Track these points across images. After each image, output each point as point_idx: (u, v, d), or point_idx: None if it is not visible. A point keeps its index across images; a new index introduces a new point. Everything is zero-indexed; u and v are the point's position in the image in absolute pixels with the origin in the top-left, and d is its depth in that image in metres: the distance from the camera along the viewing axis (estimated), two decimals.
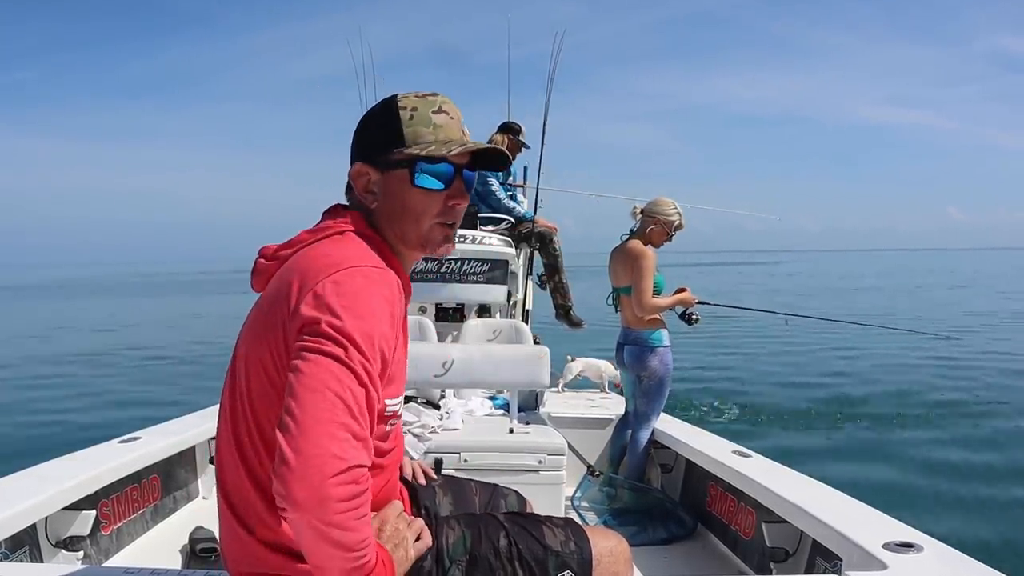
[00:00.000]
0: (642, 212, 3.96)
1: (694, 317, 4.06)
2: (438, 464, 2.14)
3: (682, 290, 4.02)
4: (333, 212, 1.44)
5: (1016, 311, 22.42)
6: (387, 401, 1.32)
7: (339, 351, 1.15)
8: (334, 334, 1.16)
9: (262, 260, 1.41)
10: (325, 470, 1.07)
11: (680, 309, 4.07)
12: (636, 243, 3.92)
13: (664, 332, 3.91)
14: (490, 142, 5.50)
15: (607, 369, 5.23)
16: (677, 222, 3.94)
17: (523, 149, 5.50)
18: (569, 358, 5.41)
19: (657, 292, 3.89)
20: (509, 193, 5.49)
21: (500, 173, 5.47)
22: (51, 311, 31.07)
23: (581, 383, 5.45)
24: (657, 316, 3.90)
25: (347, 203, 1.46)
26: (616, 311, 4.07)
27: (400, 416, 1.44)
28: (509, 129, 5.48)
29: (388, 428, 1.39)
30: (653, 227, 3.91)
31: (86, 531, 2.56)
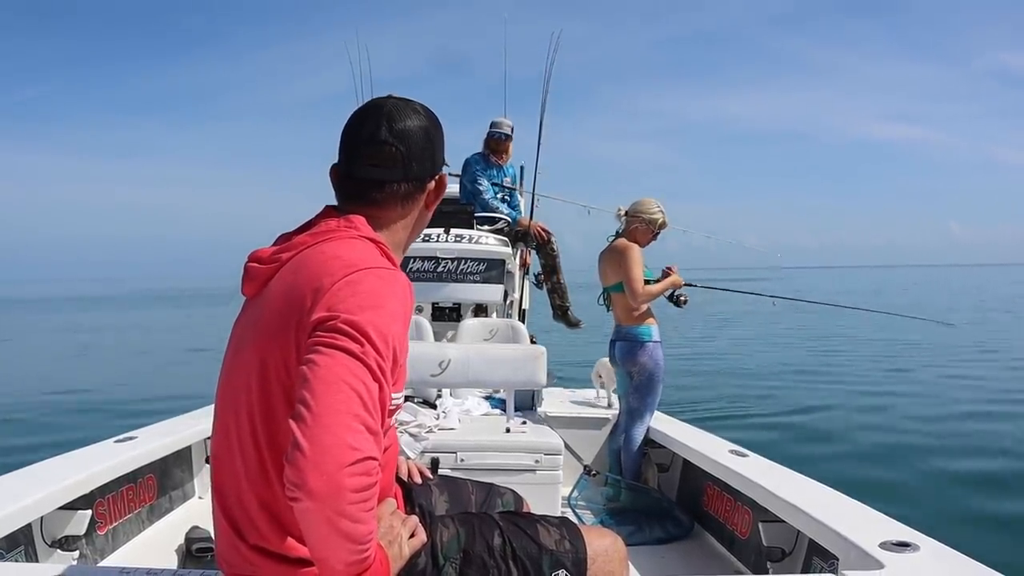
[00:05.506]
0: (626, 213, 4.06)
1: (682, 299, 4.13)
2: (435, 464, 2.14)
3: (669, 271, 4.06)
4: (332, 215, 1.40)
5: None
6: (392, 395, 1.31)
7: (355, 346, 1.16)
8: (350, 330, 1.17)
9: (255, 264, 1.39)
10: (341, 459, 1.07)
11: (668, 292, 4.11)
12: (622, 240, 4.01)
13: (653, 327, 3.96)
14: (489, 140, 5.48)
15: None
16: (660, 220, 4.03)
17: (505, 138, 5.45)
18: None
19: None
20: (500, 195, 5.47)
21: (492, 172, 5.46)
22: (51, 322, 31.03)
23: (577, 383, 5.44)
24: (647, 311, 3.96)
25: (335, 205, 1.44)
26: (608, 310, 4.12)
27: (401, 408, 1.44)
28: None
29: (391, 422, 1.39)
30: (638, 226, 4.00)
31: (82, 531, 2.56)
